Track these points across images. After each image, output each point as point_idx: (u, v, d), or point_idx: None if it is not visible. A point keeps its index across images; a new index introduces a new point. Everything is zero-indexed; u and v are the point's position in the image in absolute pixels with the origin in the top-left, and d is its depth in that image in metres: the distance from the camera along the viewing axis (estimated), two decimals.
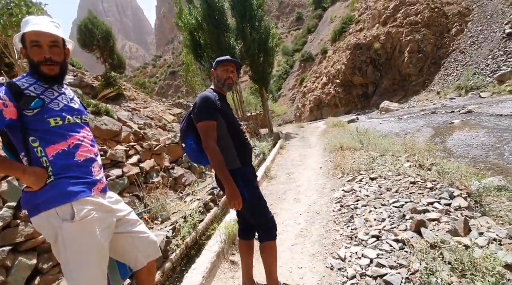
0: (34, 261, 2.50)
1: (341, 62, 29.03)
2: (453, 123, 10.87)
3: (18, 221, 2.48)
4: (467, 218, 2.39)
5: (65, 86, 1.48)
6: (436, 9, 23.77)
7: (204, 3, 13.25)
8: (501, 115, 10.21)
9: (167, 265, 2.67)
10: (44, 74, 1.33)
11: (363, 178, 4.28)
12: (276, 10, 77.30)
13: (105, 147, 4.42)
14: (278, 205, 3.97)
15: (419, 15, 23.86)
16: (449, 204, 2.85)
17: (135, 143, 4.40)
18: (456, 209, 2.74)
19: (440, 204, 2.86)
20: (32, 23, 1.29)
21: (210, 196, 4.10)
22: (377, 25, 27.36)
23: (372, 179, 4.11)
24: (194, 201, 4.00)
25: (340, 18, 43.40)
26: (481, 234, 2.17)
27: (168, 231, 2.94)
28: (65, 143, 1.33)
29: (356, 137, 7.92)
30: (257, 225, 1.89)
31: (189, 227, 3.16)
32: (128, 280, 2.25)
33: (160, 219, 3.42)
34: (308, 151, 8.48)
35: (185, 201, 4.07)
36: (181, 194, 4.36)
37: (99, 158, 1.51)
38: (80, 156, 1.36)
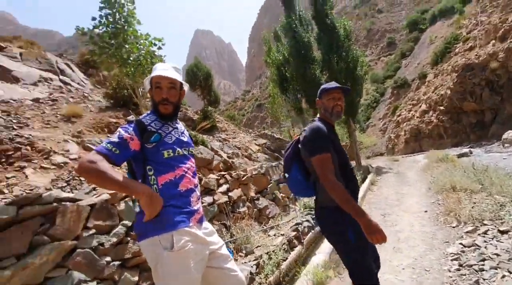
0: (136, 278, 2.78)
1: (445, 86, 25.30)
2: None
3: (129, 238, 2.86)
4: None
5: (178, 121, 1.68)
6: None
7: (292, 39, 13.98)
8: None
9: None
10: (161, 113, 1.55)
11: (488, 230, 3.33)
12: (364, 38, 75.21)
13: (199, 175, 4.87)
14: None
15: None
16: None
17: (225, 173, 4.69)
18: None
19: None
20: (159, 69, 1.55)
21: (294, 233, 3.90)
22: (493, 41, 23.07)
23: (502, 232, 3.15)
24: (278, 236, 3.87)
25: (442, 38, 38.81)
26: None
27: (252, 267, 2.88)
28: (173, 174, 1.47)
29: (472, 176, 6.42)
30: (355, 281, 1.62)
31: (273, 265, 3.03)
32: None
33: (244, 252, 3.41)
34: (407, 189, 7.34)
35: (268, 235, 3.99)
36: (265, 227, 4.31)
37: (198, 189, 1.62)
38: (182, 186, 1.48)
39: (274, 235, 3.98)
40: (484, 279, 2.32)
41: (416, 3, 68.11)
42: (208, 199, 3.98)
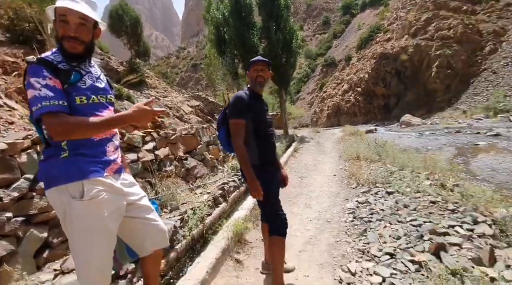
0: (45, 234, 2.53)
1: (364, 70, 28.43)
2: (478, 144, 10.37)
3: (34, 193, 2.52)
4: (493, 248, 2.22)
5: (92, 64, 1.46)
6: (470, 26, 22.82)
7: None
8: None
9: (172, 255, 2.65)
10: (65, 50, 1.29)
11: (379, 191, 4.12)
12: (304, 12, 76.68)
13: (123, 130, 4.47)
14: (287, 208, 3.87)
15: (451, 30, 22.98)
16: (472, 230, 2.67)
17: (153, 130, 4.43)
18: (479, 236, 2.57)
19: (462, 228, 2.69)
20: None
21: (220, 191, 4.06)
22: (406, 36, 26.57)
23: (388, 193, 3.95)
24: (204, 194, 3.97)
25: (368, 26, 42.56)
26: (508, 267, 2.00)
27: (176, 221, 2.92)
28: None
29: (373, 148, 7.68)
30: (267, 218, 2.03)
31: (197, 219, 3.13)
32: (133, 265, 2.24)
33: (169, 208, 3.42)
34: (322, 157, 8.32)
35: (195, 193, 4.06)
36: (192, 186, 4.35)
37: (115, 139, 1.49)
38: (96, 135, 1.34)
39: (201, 193, 4.07)
40: (370, 228, 2.91)
41: None
42: (132, 156, 3.74)
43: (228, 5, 13.79)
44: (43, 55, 1.28)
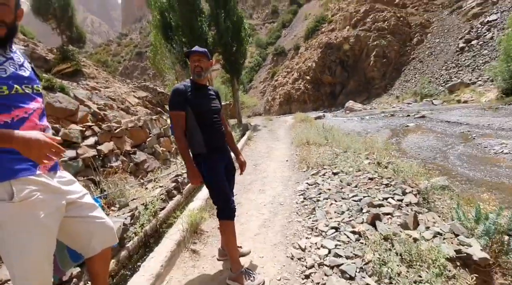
0: None
1: (312, 59, 29.71)
2: (408, 126, 11.76)
3: None
4: (417, 213, 2.60)
5: (14, 50, 1.28)
6: (401, 18, 25.28)
7: None
8: (448, 121, 11.27)
9: (123, 253, 2.53)
10: None
11: (326, 172, 4.44)
12: (252, 0, 76.26)
13: (57, 126, 4.03)
14: (243, 195, 3.97)
15: (386, 22, 25.19)
16: (401, 200, 3.07)
17: (93, 124, 4.07)
18: (407, 205, 2.97)
19: (394, 199, 3.07)
20: None
21: (173, 184, 3.96)
22: (348, 27, 28.36)
23: (334, 173, 4.29)
24: (156, 188, 3.84)
25: (314, 16, 44.17)
26: (427, 228, 2.37)
27: (126, 218, 2.78)
28: (8, 115, 1.15)
29: (322, 133, 8.19)
30: (214, 203, 2.08)
31: (149, 214, 3.03)
32: (78, 268, 2.10)
33: (117, 206, 3.23)
34: (276, 144, 8.59)
35: (146, 188, 3.89)
36: (142, 181, 4.15)
37: (49, 134, 1.35)
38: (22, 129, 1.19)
39: (153, 187, 3.92)
40: (318, 207, 3.14)
41: None
42: (70, 153, 3.41)
43: None
44: None
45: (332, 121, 15.98)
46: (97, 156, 3.71)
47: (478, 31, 19.47)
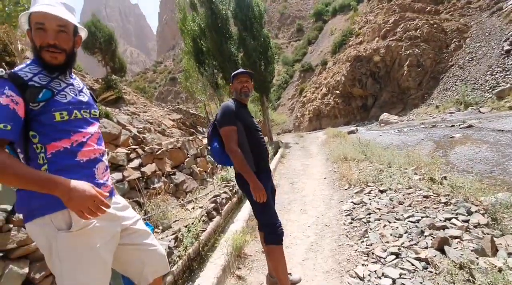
0: (26, 270, 2.29)
1: (341, 73, 29.28)
2: (454, 137, 10.84)
3: (11, 225, 2.29)
4: (493, 237, 2.25)
5: (74, 77, 1.32)
6: (435, 25, 24.20)
7: (208, 10, 13.30)
8: (502, 130, 10.20)
9: (169, 278, 2.47)
10: (46, 61, 1.16)
11: (371, 190, 4.14)
12: (278, 21, 78.47)
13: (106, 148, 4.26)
14: (283, 216, 3.80)
15: (418, 30, 24.26)
16: (467, 221, 2.71)
17: (137, 147, 4.24)
18: (475, 226, 2.61)
19: (458, 220, 2.72)
20: (40, 3, 1.13)
21: (212, 204, 3.91)
22: (377, 38, 27.75)
23: (381, 191, 3.97)
24: (196, 209, 3.82)
25: (340, 30, 44.10)
26: (510, 255, 2.02)
27: (170, 241, 2.75)
28: (68, 141, 1.15)
29: (358, 148, 7.81)
30: (261, 226, 2.05)
31: (192, 237, 2.98)
32: None
33: (161, 228, 3.23)
34: (310, 160, 8.35)
35: (187, 209, 3.89)
36: (182, 201, 4.17)
37: (105, 159, 1.34)
38: (82, 156, 1.19)
39: (193, 208, 3.91)
40: (371, 229, 2.87)
41: None
42: (116, 175, 3.54)
43: (204, 17, 13.81)
44: (15, 68, 1.13)
45: (366, 135, 15.31)
46: (140, 178, 3.82)
47: None
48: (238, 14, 13.49)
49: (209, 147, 2.20)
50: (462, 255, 2.02)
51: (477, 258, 1.99)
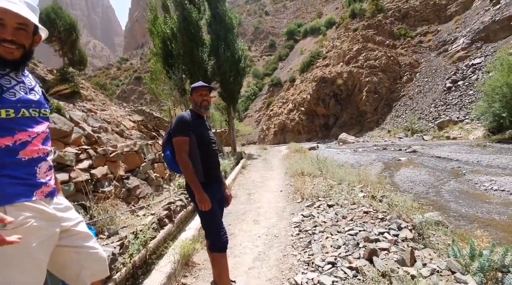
0: None
1: (307, 92, 30.74)
2: (400, 160, 11.95)
3: None
4: (413, 249, 2.57)
5: (26, 74, 1.31)
6: (391, 58, 26.77)
7: (181, 15, 13.26)
8: (439, 157, 11.52)
9: None
10: (1, 56, 1.16)
11: (321, 204, 4.41)
12: (251, 34, 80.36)
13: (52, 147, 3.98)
14: (236, 226, 3.88)
15: (377, 60, 26.62)
16: (397, 235, 3.04)
17: (88, 147, 4.04)
18: (403, 240, 2.94)
19: (390, 234, 3.04)
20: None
21: (166, 212, 3.85)
22: (341, 63, 29.81)
23: (329, 206, 4.26)
24: (148, 215, 3.72)
25: (309, 51, 46.49)
26: (424, 265, 2.33)
27: (114, 248, 2.66)
28: (11, 138, 1.15)
29: (316, 164, 8.24)
30: (206, 235, 2.12)
31: (139, 244, 2.91)
32: None
33: (106, 233, 3.10)
34: (270, 173, 8.58)
35: (137, 215, 3.77)
36: (133, 207, 4.04)
37: (49, 159, 1.34)
38: (24, 154, 1.18)
39: (144, 215, 3.80)
40: (314, 240, 3.08)
41: (295, 16, 78.42)
42: (62, 176, 3.34)
43: (176, 21, 13.70)
44: None
45: (325, 152, 16.16)
46: (89, 180, 3.64)
47: (464, 73, 20.65)
48: (211, 23, 13.64)
49: (163, 154, 2.25)
50: (386, 264, 2.28)
51: (398, 267, 2.26)
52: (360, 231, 3.13)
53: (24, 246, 1.10)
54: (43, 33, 1.34)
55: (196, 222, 3.73)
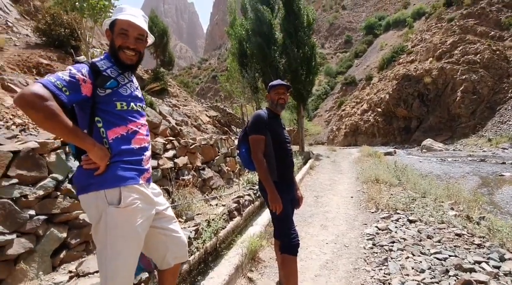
0: (65, 234, 2.58)
1: (385, 91, 28.05)
2: (503, 175, 9.85)
3: (58, 193, 2.60)
4: None
5: (132, 76, 1.53)
6: (497, 52, 22.19)
7: (254, 16, 13.68)
8: None
9: (185, 267, 2.62)
10: (122, 61, 1.38)
11: (400, 218, 3.95)
12: (326, 30, 77.45)
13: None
14: (303, 228, 3.79)
15: (478, 55, 22.43)
16: (498, 267, 2.50)
17: (173, 138, 4.51)
18: (506, 274, 2.40)
19: (489, 265, 2.52)
20: (127, 13, 1.37)
21: (235, 204, 4.03)
22: (431, 59, 26.16)
23: (410, 221, 3.78)
24: (219, 206, 3.96)
25: (391, 46, 42.25)
26: None
27: (191, 232, 2.91)
28: (125, 128, 1.36)
29: (393, 172, 7.44)
30: (277, 235, 2.07)
31: (212, 232, 3.11)
32: (146, 274, 2.23)
33: (184, 218, 3.42)
34: (339, 176, 8.14)
35: (210, 205, 4.05)
36: (207, 197, 4.35)
37: (150, 148, 1.53)
38: (136, 143, 1.39)
39: (216, 205, 4.06)
40: (392, 258, 2.76)
41: (376, 8, 72.13)
42: (152, 162, 3.81)
43: (250, 22, 14.21)
44: (94, 60, 1.37)
45: (405, 159, 14.50)
46: (173, 168, 4.06)
47: None
48: (284, 22, 13.65)
49: (237, 151, 2.29)
50: None
51: None
52: (450, 256, 2.67)
53: (132, 224, 1.28)
54: (150, 39, 1.54)
55: (263, 218, 3.78)
